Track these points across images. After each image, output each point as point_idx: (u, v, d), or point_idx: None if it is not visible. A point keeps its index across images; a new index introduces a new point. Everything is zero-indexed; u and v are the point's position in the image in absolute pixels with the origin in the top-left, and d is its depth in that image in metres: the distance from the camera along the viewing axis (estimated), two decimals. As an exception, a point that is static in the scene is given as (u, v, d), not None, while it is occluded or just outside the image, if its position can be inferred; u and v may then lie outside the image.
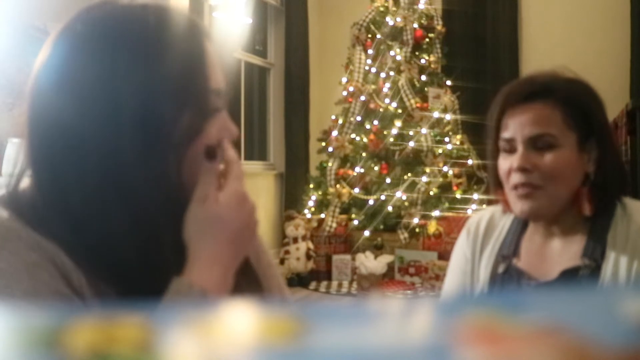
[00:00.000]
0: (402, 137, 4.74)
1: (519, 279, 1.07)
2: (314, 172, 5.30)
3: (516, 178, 1.03)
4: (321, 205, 4.86)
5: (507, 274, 1.09)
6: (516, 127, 1.03)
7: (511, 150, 1.05)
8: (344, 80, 5.14)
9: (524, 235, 1.10)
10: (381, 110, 4.88)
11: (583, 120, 1.03)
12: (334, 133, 5.00)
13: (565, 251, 1.05)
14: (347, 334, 0.21)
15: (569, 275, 1.02)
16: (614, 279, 0.99)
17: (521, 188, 1.02)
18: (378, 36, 5.10)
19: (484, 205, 4.21)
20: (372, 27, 5.18)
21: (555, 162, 1.01)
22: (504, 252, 1.10)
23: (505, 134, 1.05)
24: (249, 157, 5.37)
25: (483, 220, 1.16)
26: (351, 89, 5.01)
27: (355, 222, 4.65)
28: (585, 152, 1.03)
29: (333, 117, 5.14)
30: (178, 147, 0.66)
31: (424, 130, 4.70)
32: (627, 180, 1.10)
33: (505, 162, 1.05)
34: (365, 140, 4.89)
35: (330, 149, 4.98)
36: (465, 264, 1.16)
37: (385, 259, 4.30)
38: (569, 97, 1.03)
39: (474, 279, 1.14)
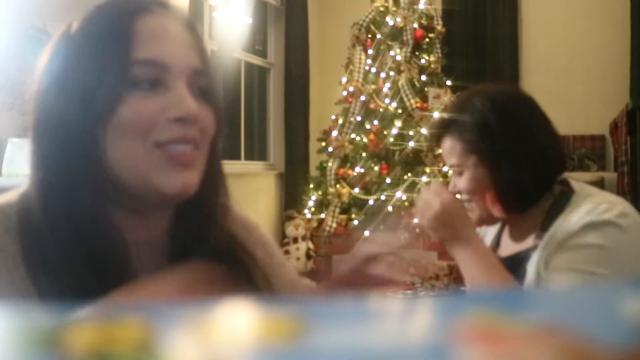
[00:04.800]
0: (402, 137, 4.73)
1: None
2: (314, 172, 5.30)
3: None
4: (321, 205, 4.86)
5: None
6: (443, 158, 1.32)
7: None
8: (344, 80, 5.13)
9: (504, 232, 1.34)
10: (381, 110, 4.87)
11: (480, 140, 1.21)
12: (334, 133, 5.00)
13: (524, 239, 1.25)
14: (347, 334, 0.21)
15: (517, 257, 1.22)
16: (542, 253, 1.16)
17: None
18: (378, 36, 5.10)
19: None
20: (372, 27, 5.17)
21: (464, 183, 1.24)
22: (492, 245, 1.35)
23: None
24: (249, 157, 5.37)
25: None
26: (351, 89, 5.01)
27: (355, 222, 4.65)
28: (492, 164, 1.21)
29: (333, 117, 5.14)
30: (96, 123, 0.67)
31: (424, 130, 4.70)
32: (564, 160, 1.27)
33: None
34: (365, 140, 4.89)
35: (330, 149, 4.98)
36: None
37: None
38: (462, 127, 1.22)
39: None
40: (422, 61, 5.06)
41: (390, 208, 4.55)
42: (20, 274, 0.65)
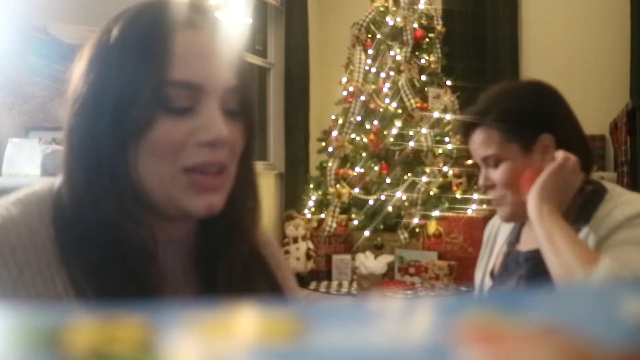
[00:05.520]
0: (402, 137, 4.73)
1: (518, 257, 1.28)
2: (314, 172, 5.30)
3: (488, 194, 1.26)
4: (321, 205, 4.86)
5: (510, 256, 1.31)
6: (472, 152, 1.27)
7: (479, 171, 1.28)
8: (344, 80, 5.13)
9: (525, 226, 1.32)
10: (381, 110, 4.87)
11: (522, 128, 1.18)
12: (334, 133, 5.00)
13: None
14: (347, 334, 0.21)
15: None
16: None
17: (492, 201, 1.25)
18: (378, 36, 5.10)
19: (484, 206, 4.21)
20: (372, 27, 5.17)
21: (503, 174, 1.19)
22: (510, 239, 1.33)
23: (471, 156, 1.28)
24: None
25: (498, 220, 1.39)
26: (351, 89, 5.01)
27: (355, 222, 4.65)
28: (537, 151, 1.18)
29: (333, 117, 5.14)
30: (127, 139, 0.66)
31: (424, 130, 4.70)
32: (592, 158, 1.26)
33: (480, 178, 1.27)
34: (365, 140, 4.89)
35: (330, 149, 4.98)
36: (483, 250, 1.42)
37: (385, 259, 4.30)
38: (502, 116, 1.20)
39: (488, 261, 1.39)
40: (422, 61, 5.05)
41: (390, 208, 4.55)
42: (48, 259, 0.65)
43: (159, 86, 0.66)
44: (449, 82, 5.08)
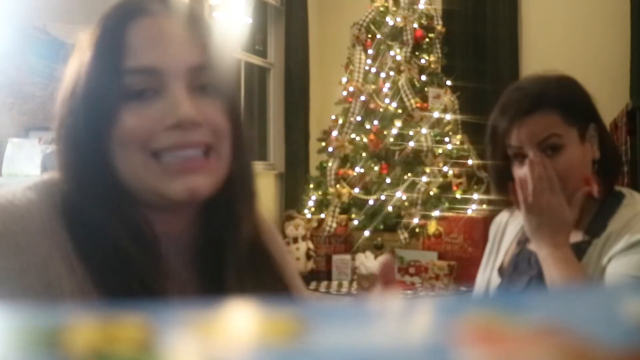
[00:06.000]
0: (402, 137, 4.73)
1: (530, 257, 1.21)
2: (314, 172, 5.29)
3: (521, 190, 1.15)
4: (321, 205, 4.85)
5: (521, 255, 1.25)
6: (523, 136, 1.14)
7: (522, 156, 1.15)
8: (344, 80, 5.13)
9: None
10: (381, 110, 4.87)
11: (579, 114, 1.16)
12: (334, 133, 5.00)
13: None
14: (347, 334, 0.21)
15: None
16: (600, 253, 1.10)
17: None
18: (378, 36, 5.10)
19: (484, 205, 4.21)
20: (372, 27, 5.17)
21: (566, 163, 1.12)
22: (520, 238, 1.27)
23: (514, 142, 1.16)
24: (249, 157, 5.36)
25: (504, 217, 1.36)
26: (351, 89, 5.01)
27: (355, 222, 4.65)
28: (587, 141, 1.15)
29: (333, 117, 5.14)
30: (101, 133, 0.68)
31: (424, 130, 4.70)
32: (621, 159, 1.23)
33: (521, 170, 1.15)
34: (365, 140, 4.88)
35: (330, 149, 4.97)
36: (490, 247, 1.37)
37: (385, 259, 4.30)
38: (562, 98, 1.15)
39: (495, 258, 1.34)
40: (422, 61, 5.05)
41: (390, 208, 4.55)
42: (63, 252, 0.65)
43: (117, 76, 0.67)
44: (449, 82, 5.07)
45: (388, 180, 4.66)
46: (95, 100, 0.67)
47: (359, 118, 4.96)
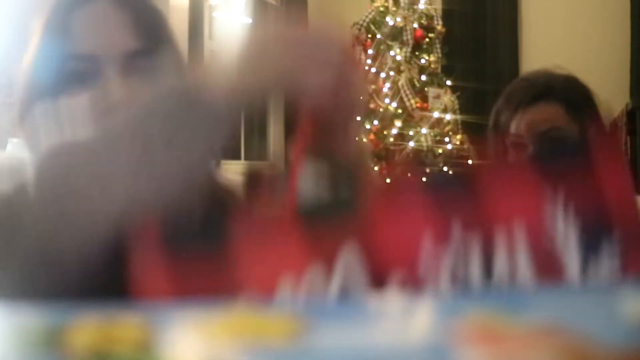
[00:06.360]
0: (402, 137, 4.73)
1: None
2: (314, 172, 5.29)
3: None
4: (321, 205, 4.85)
5: None
6: (524, 126, 1.15)
7: (520, 147, 1.16)
8: (344, 80, 5.12)
9: None
10: (381, 110, 4.87)
11: (582, 111, 1.16)
12: (334, 133, 4.99)
13: None
14: (347, 334, 0.21)
15: None
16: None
17: None
18: (378, 36, 5.10)
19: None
20: (372, 27, 5.17)
21: None
22: None
23: (514, 131, 1.17)
24: (248, 157, 5.36)
25: None
26: (351, 89, 5.00)
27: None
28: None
29: (333, 117, 5.13)
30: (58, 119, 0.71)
31: (424, 130, 4.70)
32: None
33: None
34: (365, 140, 4.88)
35: (330, 149, 4.97)
36: None
37: (385, 259, 4.30)
38: (567, 92, 1.17)
39: None
40: (422, 61, 5.05)
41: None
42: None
43: (61, 62, 0.71)
44: (449, 82, 5.07)
45: (388, 181, 4.65)
46: (42, 84, 0.72)
47: (358, 118, 4.96)
